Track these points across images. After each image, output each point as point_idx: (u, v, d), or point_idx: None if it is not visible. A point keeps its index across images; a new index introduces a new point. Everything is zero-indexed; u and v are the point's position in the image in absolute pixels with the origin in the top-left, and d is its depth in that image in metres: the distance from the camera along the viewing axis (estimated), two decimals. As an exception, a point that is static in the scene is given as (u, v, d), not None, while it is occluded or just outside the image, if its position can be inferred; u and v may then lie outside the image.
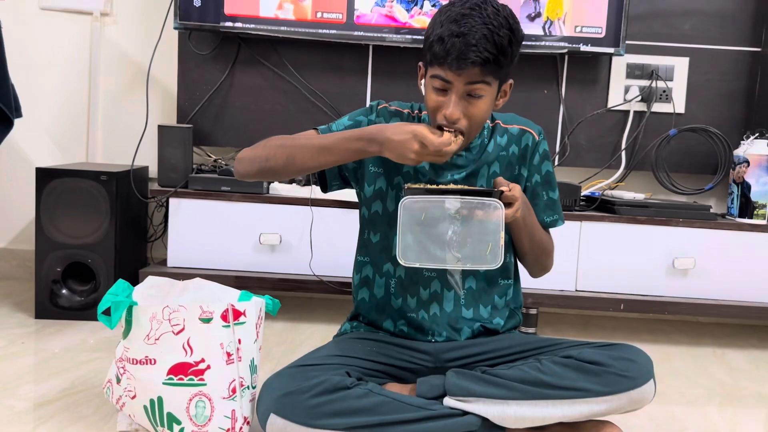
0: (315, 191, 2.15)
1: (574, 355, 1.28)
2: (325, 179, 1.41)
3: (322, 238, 2.10)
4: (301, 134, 1.37)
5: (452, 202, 1.22)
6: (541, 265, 1.47)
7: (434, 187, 1.27)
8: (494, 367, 1.31)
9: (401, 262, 1.23)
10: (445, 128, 1.23)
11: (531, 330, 2.08)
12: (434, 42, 1.21)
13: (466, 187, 1.29)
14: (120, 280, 1.30)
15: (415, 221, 1.23)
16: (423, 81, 1.31)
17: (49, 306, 2.07)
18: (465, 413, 1.23)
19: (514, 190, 1.26)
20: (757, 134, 2.21)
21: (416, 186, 1.26)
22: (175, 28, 2.25)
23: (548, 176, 1.42)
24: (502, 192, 1.24)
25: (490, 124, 1.39)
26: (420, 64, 1.32)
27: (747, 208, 2.21)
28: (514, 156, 1.39)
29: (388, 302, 1.40)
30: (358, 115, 1.40)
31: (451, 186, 1.30)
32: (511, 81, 1.31)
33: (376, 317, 1.43)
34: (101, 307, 1.24)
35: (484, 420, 1.24)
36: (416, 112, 1.41)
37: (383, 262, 1.40)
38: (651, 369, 1.27)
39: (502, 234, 1.22)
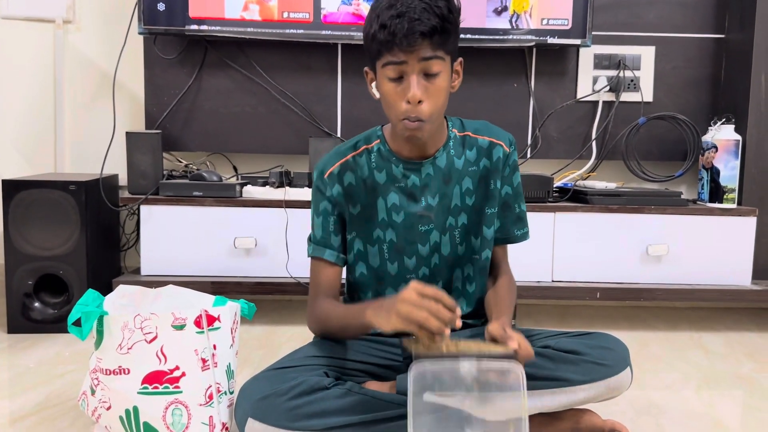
0: (289, 193, 2.14)
1: (552, 345, 1.29)
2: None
3: (298, 239, 2.09)
4: (335, 311, 1.32)
5: (467, 367, 1.10)
6: None
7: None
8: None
9: None
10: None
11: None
12: (377, 32, 1.18)
13: (472, 343, 1.16)
14: (90, 290, 1.28)
15: (428, 406, 1.11)
16: (374, 84, 1.28)
17: (22, 320, 2.03)
18: (444, 408, 1.23)
19: (520, 342, 1.15)
20: (723, 119, 2.24)
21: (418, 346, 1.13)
22: (140, 33, 2.23)
23: (519, 188, 1.40)
24: (515, 351, 1.13)
25: (459, 134, 1.36)
26: (366, 69, 1.29)
27: (717, 192, 2.24)
28: (486, 170, 1.35)
29: (386, 269, 1.38)
30: (319, 204, 1.36)
31: (462, 343, 1.15)
32: (461, 59, 1.29)
33: (378, 288, 1.40)
34: (71, 318, 1.22)
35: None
36: (362, 147, 1.36)
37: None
38: (627, 357, 1.29)
39: (525, 402, 1.12)
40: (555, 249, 2.15)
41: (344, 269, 1.42)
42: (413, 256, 1.36)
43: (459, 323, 1.09)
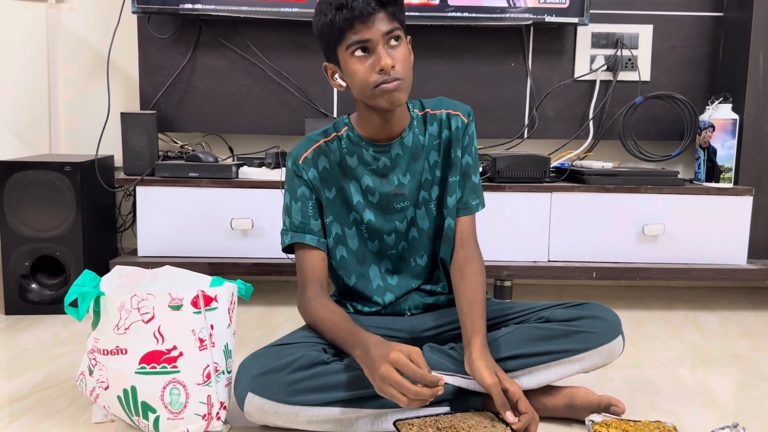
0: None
1: (546, 316, 1.34)
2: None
3: (294, 220, 2.09)
4: (324, 318, 1.32)
5: None
6: None
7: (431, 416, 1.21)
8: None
9: None
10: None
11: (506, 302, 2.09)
12: (334, 16, 1.22)
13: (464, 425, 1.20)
14: (86, 271, 1.27)
15: None
16: (336, 75, 1.32)
17: (19, 301, 2.04)
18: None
19: (526, 413, 1.19)
20: (721, 99, 2.24)
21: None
22: (133, 12, 2.20)
23: (476, 157, 1.44)
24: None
25: (420, 113, 1.40)
26: (325, 64, 1.33)
27: (713, 172, 2.24)
28: (448, 140, 1.40)
29: (366, 249, 1.41)
30: (297, 189, 1.38)
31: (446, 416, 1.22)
32: (410, 37, 1.32)
33: (360, 269, 1.42)
34: (68, 299, 1.23)
35: (460, 388, 1.26)
36: (332, 134, 1.39)
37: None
38: (619, 325, 1.33)
39: None
40: (551, 229, 2.15)
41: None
42: (392, 233, 1.40)
43: (441, 391, 1.11)
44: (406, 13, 1.31)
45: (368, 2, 1.21)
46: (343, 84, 1.32)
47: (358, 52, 1.24)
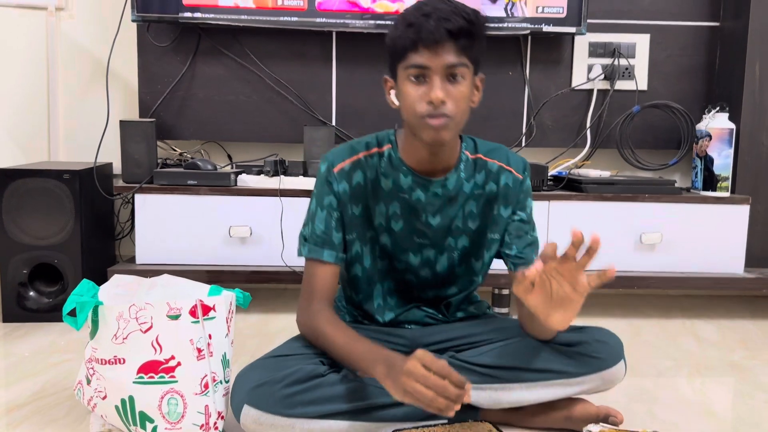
0: (284, 181, 2.14)
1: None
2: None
3: (292, 228, 2.09)
4: (333, 334, 1.26)
5: None
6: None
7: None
8: (471, 349, 1.32)
9: None
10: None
11: (504, 310, 2.10)
12: (402, 32, 1.17)
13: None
14: (84, 280, 1.28)
15: None
16: (392, 92, 1.25)
17: (17, 309, 2.03)
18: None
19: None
20: (718, 108, 2.25)
21: None
22: (133, 21, 2.21)
23: (531, 214, 1.38)
24: None
25: (471, 157, 1.33)
26: (385, 77, 1.27)
27: (711, 181, 2.25)
28: (492, 194, 1.33)
29: (375, 267, 1.36)
30: (324, 198, 1.31)
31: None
32: (482, 75, 1.27)
33: (367, 290, 1.39)
34: (66, 308, 1.23)
35: None
36: (374, 149, 1.32)
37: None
38: (621, 350, 1.31)
39: None
40: (549, 237, 2.15)
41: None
42: (403, 263, 1.36)
43: (468, 398, 1.06)
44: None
45: (438, 28, 1.14)
46: (396, 103, 1.25)
47: (414, 72, 1.17)
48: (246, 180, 2.17)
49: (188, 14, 2.20)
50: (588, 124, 2.41)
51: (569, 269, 1.11)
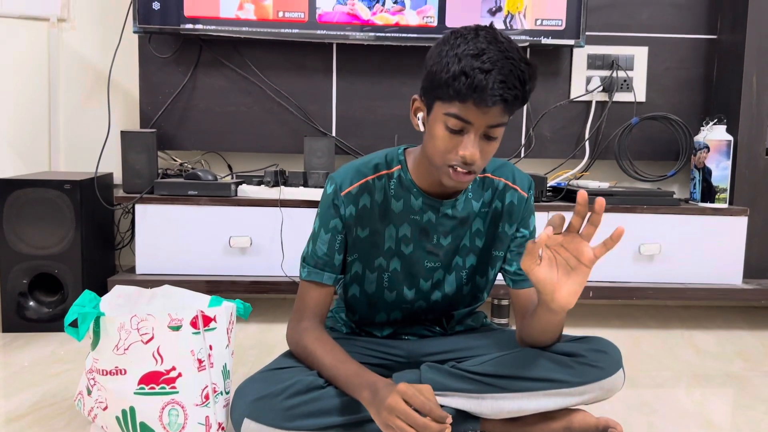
0: (284, 192, 2.15)
1: (548, 348, 1.31)
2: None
3: (292, 238, 2.10)
4: (321, 354, 1.26)
5: None
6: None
7: None
8: (471, 358, 1.33)
9: None
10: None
11: (503, 321, 2.10)
12: (454, 77, 1.09)
13: None
14: (86, 291, 1.28)
15: None
16: (420, 115, 1.21)
17: (17, 319, 2.03)
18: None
19: None
20: (716, 120, 2.26)
21: None
22: (134, 32, 2.22)
23: (534, 231, 1.38)
24: None
25: (479, 176, 1.32)
26: (416, 97, 1.22)
27: (709, 192, 2.26)
28: (497, 212, 1.33)
29: (382, 297, 1.37)
30: (329, 220, 1.30)
31: None
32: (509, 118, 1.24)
33: (368, 312, 1.40)
34: (68, 319, 1.23)
35: (459, 410, 1.26)
36: (383, 171, 1.30)
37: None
38: (620, 360, 1.31)
39: None
40: (548, 248, 2.16)
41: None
42: (413, 289, 1.36)
43: (449, 430, 1.07)
44: (407, 35, 1.22)
45: (494, 94, 1.08)
46: (422, 128, 1.22)
47: (454, 123, 1.13)
48: (246, 190, 2.18)
49: (189, 26, 2.22)
50: (587, 136, 2.42)
51: (575, 243, 1.13)
